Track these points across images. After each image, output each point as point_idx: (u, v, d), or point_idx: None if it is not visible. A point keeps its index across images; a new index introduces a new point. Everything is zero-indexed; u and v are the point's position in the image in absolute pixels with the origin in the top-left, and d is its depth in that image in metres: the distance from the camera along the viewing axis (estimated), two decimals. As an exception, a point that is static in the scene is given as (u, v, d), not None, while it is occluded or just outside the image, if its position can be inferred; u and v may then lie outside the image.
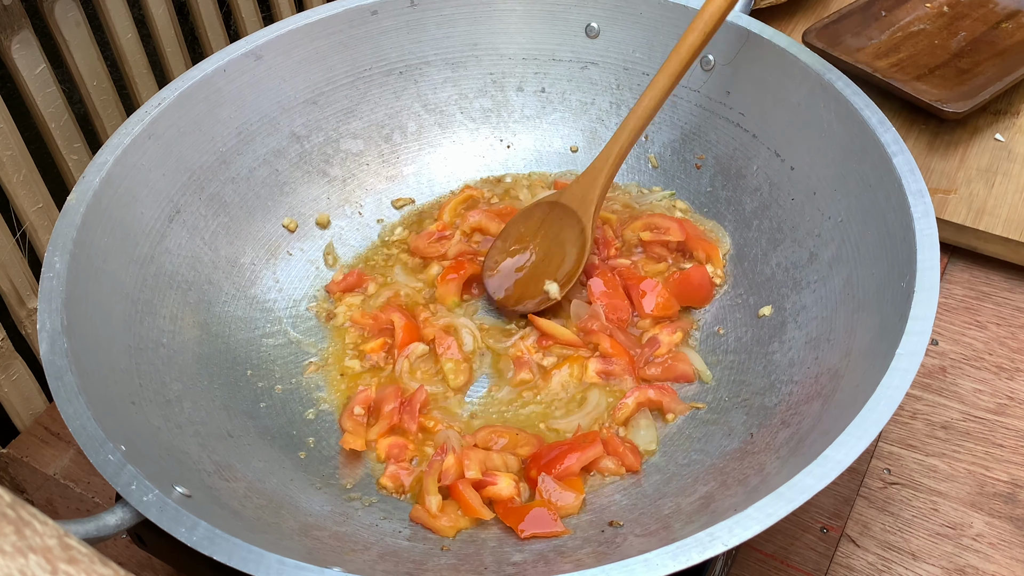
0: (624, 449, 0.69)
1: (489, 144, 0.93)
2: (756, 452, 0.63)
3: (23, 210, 0.84)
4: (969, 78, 0.99)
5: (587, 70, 0.90)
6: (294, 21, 0.84)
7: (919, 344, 0.57)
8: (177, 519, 0.52)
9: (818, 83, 0.75)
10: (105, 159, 0.72)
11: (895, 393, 0.54)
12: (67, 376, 0.59)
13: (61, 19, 0.84)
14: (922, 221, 0.63)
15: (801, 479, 0.51)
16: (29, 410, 0.88)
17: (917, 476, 0.76)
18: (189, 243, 0.78)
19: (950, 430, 0.79)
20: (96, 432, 0.56)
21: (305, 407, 0.76)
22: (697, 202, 0.86)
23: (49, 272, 0.64)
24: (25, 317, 0.86)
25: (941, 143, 0.97)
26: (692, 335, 0.78)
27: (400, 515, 0.67)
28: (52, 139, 0.86)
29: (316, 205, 0.87)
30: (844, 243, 0.71)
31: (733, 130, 0.83)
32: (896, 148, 0.68)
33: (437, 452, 0.69)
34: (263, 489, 0.65)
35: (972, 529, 0.73)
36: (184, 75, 0.79)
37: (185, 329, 0.74)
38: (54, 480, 0.81)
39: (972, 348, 0.84)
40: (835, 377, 0.63)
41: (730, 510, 0.51)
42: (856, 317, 0.66)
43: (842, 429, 0.53)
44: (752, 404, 0.70)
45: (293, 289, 0.83)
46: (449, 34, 0.89)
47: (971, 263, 0.91)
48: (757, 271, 0.79)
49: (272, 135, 0.85)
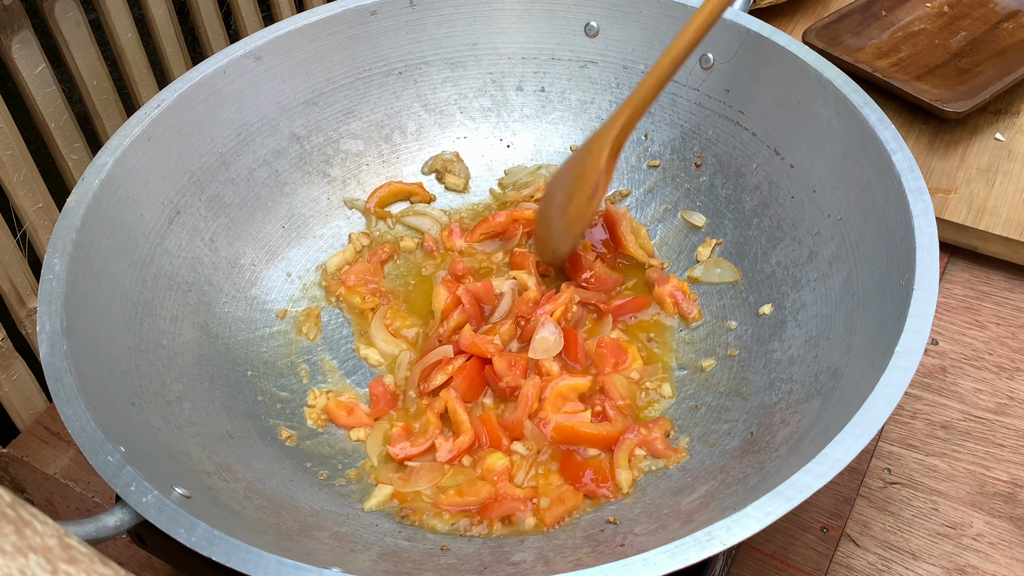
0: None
1: (489, 144, 0.93)
2: (756, 451, 0.64)
3: (23, 210, 0.84)
4: (969, 78, 0.99)
5: (586, 69, 0.90)
6: (293, 22, 0.84)
7: (918, 342, 0.57)
8: (176, 520, 0.52)
9: (817, 81, 0.75)
10: (104, 161, 0.72)
11: (894, 391, 0.55)
12: (67, 378, 0.59)
13: (61, 19, 0.84)
14: (921, 219, 0.64)
15: (800, 477, 0.51)
16: (29, 410, 0.88)
17: (917, 476, 0.76)
18: (189, 244, 0.78)
19: (950, 430, 0.79)
20: (96, 433, 0.56)
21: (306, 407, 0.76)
22: (697, 201, 0.86)
23: (49, 274, 0.64)
24: (25, 317, 0.87)
25: (941, 143, 0.97)
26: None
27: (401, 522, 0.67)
28: (52, 139, 0.87)
29: (316, 206, 0.87)
30: (844, 241, 0.71)
31: (733, 128, 0.83)
32: (895, 146, 0.68)
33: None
34: (263, 490, 0.65)
35: (972, 529, 0.73)
36: (183, 76, 0.79)
37: (185, 330, 0.74)
38: (54, 480, 0.81)
39: (972, 348, 0.84)
40: (835, 375, 0.63)
41: (729, 509, 0.51)
42: (856, 315, 0.66)
43: (841, 427, 0.53)
44: (752, 402, 0.70)
45: (294, 290, 0.84)
46: (448, 34, 0.89)
47: (971, 263, 0.91)
48: (757, 269, 0.79)
49: (272, 136, 0.85)
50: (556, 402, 0.72)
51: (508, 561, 0.61)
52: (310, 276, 0.85)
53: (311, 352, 0.80)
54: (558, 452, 0.71)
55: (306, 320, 0.82)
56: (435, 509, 0.68)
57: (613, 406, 0.73)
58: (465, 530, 0.66)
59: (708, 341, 0.78)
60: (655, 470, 0.69)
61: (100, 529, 0.52)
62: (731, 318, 0.78)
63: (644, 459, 0.70)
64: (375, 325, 0.81)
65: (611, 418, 0.72)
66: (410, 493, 0.69)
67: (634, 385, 0.75)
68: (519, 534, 0.66)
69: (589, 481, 0.68)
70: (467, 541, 0.65)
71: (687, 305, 0.80)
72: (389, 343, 0.80)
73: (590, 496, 0.68)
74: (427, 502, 0.68)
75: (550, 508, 0.67)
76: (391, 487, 0.69)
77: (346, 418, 0.75)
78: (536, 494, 0.68)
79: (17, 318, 0.87)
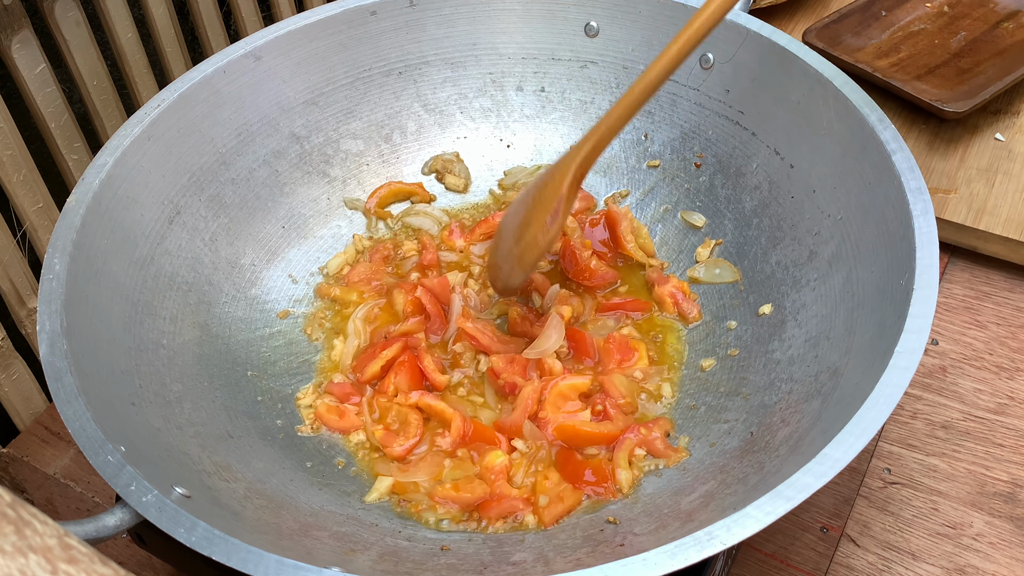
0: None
1: (489, 144, 0.93)
2: (756, 451, 0.64)
3: (23, 210, 0.84)
4: (969, 78, 0.99)
5: (586, 69, 0.90)
6: (293, 22, 0.84)
7: (918, 342, 0.57)
8: (176, 519, 0.52)
9: (817, 81, 0.75)
10: (105, 160, 0.72)
11: (894, 391, 0.55)
12: (67, 378, 0.59)
13: (61, 19, 0.84)
14: (921, 219, 0.64)
15: (800, 477, 0.51)
16: (29, 409, 0.88)
17: (917, 476, 0.76)
18: (189, 244, 0.78)
19: (950, 430, 0.79)
20: (96, 433, 0.56)
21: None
22: (697, 201, 0.86)
23: (49, 274, 0.65)
24: (25, 317, 0.87)
25: (941, 143, 0.97)
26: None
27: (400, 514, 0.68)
28: (52, 139, 0.87)
29: (316, 206, 0.88)
30: (844, 241, 0.71)
31: (733, 128, 0.83)
32: (895, 146, 0.68)
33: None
34: (263, 489, 0.65)
35: (972, 529, 0.73)
36: (183, 76, 0.79)
37: (185, 330, 0.74)
38: (54, 479, 0.81)
39: (972, 348, 0.84)
40: (834, 375, 0.63)
41: (729, 509, 0.51)
42: (855, 315, 0.66)
43: (841, 427, 0.53)
44: (752, 402, 0.70)
45: (294, 290, 0.84)
46: (448, 34, 0.89)
47: (971, 263, 0.91)
48: (757, 269, 0.79)
49: (272, 136, 0.85)
50: (556, 402, 0.72)
51: (508, 561, 0.61)
52: (311, 276, 0.85)
53: (312, 352, 0.80)
54: (558, 451, 0.71)
55: (310, 322, 0.82)
56: (431, 501, 0.68)
57: (614, 404, 0.73)
58: (465, 527, 0.67)
59: (708, 341, 0.78)
60: (655, 470, 0.69)
61: (100, 529, 0.52)
62: (731, 318, 0.78)
63: (644, 459, 0.70)
64: (358, 312, 0.81)
65: (612, 417, 0.72)
66: (409, 484, 0.69)
67: (635, 384, 0.75)
68: (518, 530, 0.66)
69: (589, 478, 0.68)
70: (467, 541, 0.65)
71: (687, 305, 0.80)
72: (357, 333, 0.80)
73: (591, 495, 0.68)
74: (423, 493, 0.69)
75: (549, 506, 0.67)
76: (391, 478, 0.70)
77: (338, 421, 0.75)
78: (535, 493, 0.68)
79: (17, 318, 0.87)
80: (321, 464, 0.72)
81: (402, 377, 0.75)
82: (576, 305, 0.80)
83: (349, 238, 0.88)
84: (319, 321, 0.82)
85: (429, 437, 0.73)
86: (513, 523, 0.67)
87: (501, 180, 0.92)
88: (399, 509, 0.68)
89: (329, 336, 0.81)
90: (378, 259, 0.86)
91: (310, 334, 0.81)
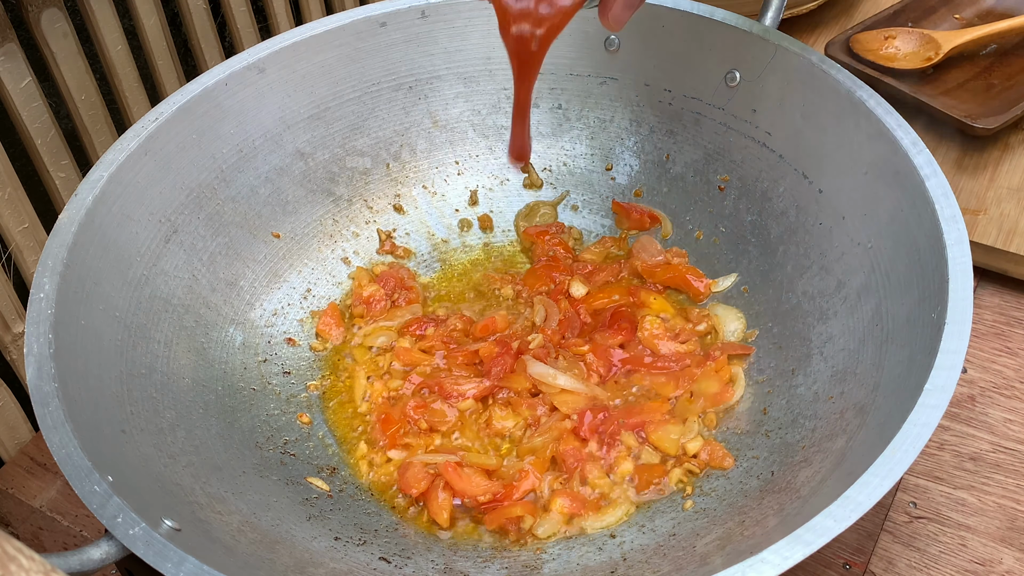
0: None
1: (501, 163, 0.93)
2: (776, 491, 0.64)
3: (8, 230, 0.85)
4: (1000, 92, 0.99)
5: (606, 85, 0.91)
6: (299, 33, 0.85)
7: (949, 379, 0.57)
8: (164, 554, 0.52)
9: (848, 101, 0.76)
10: (99, 176, 0.73)
11: (923, 431, 0.55)
12: (54, 403, 0.59)
13: (48, 30, 0.84)
14: (955, 248, 0.64)
15: (820, 521, 0.51)
16: (14, 439, 0.88)
17: (944, 510, 0.76)
18: (186, 264, 0.79)
19: (979, 461, 0.79)
20: (82, 461, 0.56)
21: (304, 437, 0.77)
22: (720, 227, 0.86)
23: (38, 293, 0.65)
24: (10, 342, 0.87)
25: (970, 161, 0.97)
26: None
27: (400, 550, 0.68)
28: (38, 156, 0.87)
29: (320, 226, 0.88)
30: (873, 271, 0.71)
31: (759, 150, 0.84)
32: (929, 171, 0.69)
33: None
34: (258, 523, 0.65)
35: (1002, 566, 0.73)
36: (183, 88, 0.80)
37: (180, 354, 0.75)
38: (40, 512, 0.82)
39: (1003, 376, 0.84)
40: (860, 413, 0.64)
41: (745, 553, 0.52)
42: (884, 349, 0.66)
43: (865, 469, 0.53)
44: (774, 440, 0.70)
45: (295, 313, 0.85)
46: (461, 47, 0.90)
47: (1001, 287, 0.91)
48: (782, 299, 0.79)
49: (275, 152, 0.86)
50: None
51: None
52: (313, 299, 0.86)
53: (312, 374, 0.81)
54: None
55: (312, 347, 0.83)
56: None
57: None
58: (471, 539, 0.68)
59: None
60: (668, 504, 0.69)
61: (85, 562, 0.53)
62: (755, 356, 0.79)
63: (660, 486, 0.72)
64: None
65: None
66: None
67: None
68: (529, 542, 0.69)
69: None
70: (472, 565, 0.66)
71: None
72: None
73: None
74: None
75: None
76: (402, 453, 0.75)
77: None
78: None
79: (2, 344, 0.87)
80: (319, 498, 0.72)
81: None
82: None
83: (353, 258, 0.89)
84: (322, 347, 0.83)
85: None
86: (521, 533, 0.70)
87: (521, 218, 0.94)
88: (396, 504, 0.72)
89: (331, 358, 0.82)
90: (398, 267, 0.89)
91: (312, 360, 0.82)
